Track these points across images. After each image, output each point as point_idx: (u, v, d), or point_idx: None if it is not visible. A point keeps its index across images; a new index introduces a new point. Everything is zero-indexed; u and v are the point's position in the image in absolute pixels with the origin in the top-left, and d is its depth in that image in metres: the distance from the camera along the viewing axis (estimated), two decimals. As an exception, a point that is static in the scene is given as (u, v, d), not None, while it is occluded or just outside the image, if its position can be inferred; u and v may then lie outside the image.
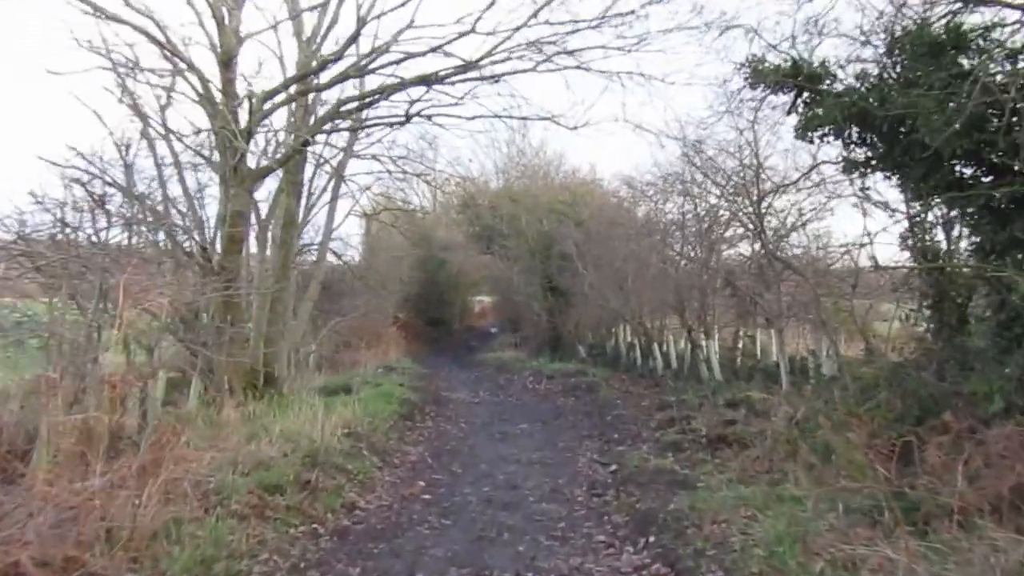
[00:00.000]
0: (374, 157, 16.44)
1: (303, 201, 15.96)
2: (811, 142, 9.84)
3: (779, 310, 12.16)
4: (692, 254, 15.84)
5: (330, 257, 19.23)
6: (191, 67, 10.28)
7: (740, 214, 13.00)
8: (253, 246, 14.36)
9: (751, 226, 12.29)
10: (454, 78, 11.23)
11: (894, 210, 9.62)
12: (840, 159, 9.76)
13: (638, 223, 19.73)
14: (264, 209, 14.90)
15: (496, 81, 11.31)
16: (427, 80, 11.06)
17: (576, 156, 65.99)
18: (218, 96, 10.99)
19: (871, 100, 8.68)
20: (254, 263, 15.53)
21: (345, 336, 25.63)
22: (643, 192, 18.33)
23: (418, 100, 11.78)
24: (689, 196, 15.28)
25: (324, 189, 16.96)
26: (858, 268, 10.79)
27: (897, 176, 9.29)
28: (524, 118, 12.91)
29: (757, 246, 14.42)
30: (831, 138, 9.67)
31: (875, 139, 9.21)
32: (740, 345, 15.89)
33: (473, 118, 12.69)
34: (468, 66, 11.07)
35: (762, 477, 7.68)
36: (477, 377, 22.09)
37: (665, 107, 26.92)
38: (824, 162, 9.88)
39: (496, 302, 41.67)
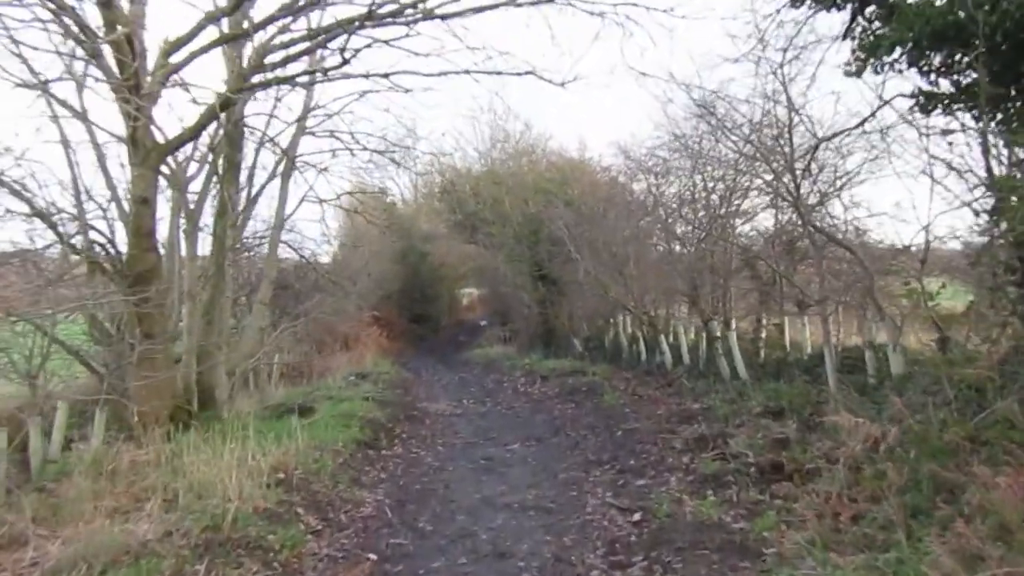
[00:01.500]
0: (332, 134, 14.06)
1: (246, 188, 13.58)
2: (877, 71, 7.53)
3: (822, 293, 9.87)
4: (706, 231, 13.52)
5: (286, 252, 16.83)
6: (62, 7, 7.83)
7: (767, 177, 10.71)
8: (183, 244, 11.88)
9: (784, 192, 9.98)
10: (404, 15, 8.86)
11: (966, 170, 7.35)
12: (916, 93, 7.46)
13: (637, 199, 17.39)
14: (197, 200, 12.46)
15: (452, 18, 8.97)
16: (368, 19, 8.66)
17: (565, 136, 63.43)
18: (109, 50, 8.57)
19: (969, 4, 6.38)
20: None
21: (319, 338, 23.34)
22: (643, 163, 15.97)
23: (366, 48, 9.39)
24: (701, 160, 12.95)
25: (274, 174, 14.55)
26: (928, 241, 8.48)
27: (1000, 115, 7.00)
28: (499, 72, 10.51)
29: (785, 217, 12.16)
30: (903, 65, 7.35)
31: (970, 63, 6.93)
32: (763, 335, 13.62)
33: (440, 75, 10.35)
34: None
35: (853, 531, 5.40)
36: (462, 379, 19.76)
37: (671, 52, 24.21)
38: (897, 96, 7.52)
39: (484, 294, 39.37)
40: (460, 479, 8.39)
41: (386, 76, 10.13)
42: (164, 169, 10.25)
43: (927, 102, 7.31)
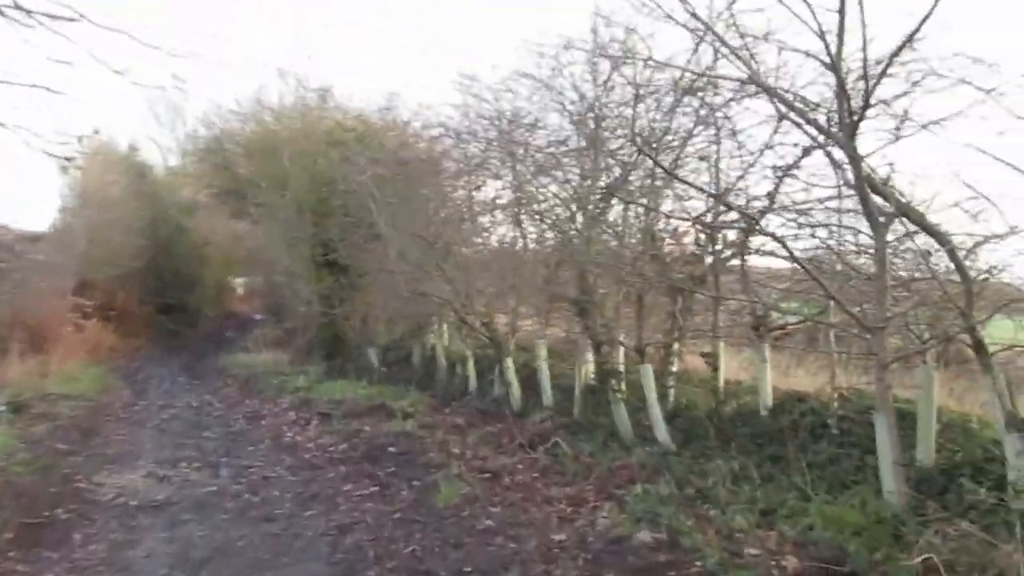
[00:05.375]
0: None
1: None
2: None
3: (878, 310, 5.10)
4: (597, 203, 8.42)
5: None
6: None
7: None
8: None
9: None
10: None
11: None
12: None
13: (474, 160, 11.98)
14: None
15: None
16: None
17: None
18: None
19: None
20: None
21: None
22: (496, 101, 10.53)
23: None
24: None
25: None
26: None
27: None
28: None
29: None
30: None
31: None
32: (674, 368, 8.79)
33: None
34: None
35: None
36: (199, 410, 13.22)
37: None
38: None
39: (254, 283, 32.25)
40: None
41: None
42: None
43: None
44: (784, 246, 5.14)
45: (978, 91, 5.02)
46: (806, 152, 5.97)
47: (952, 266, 5.01)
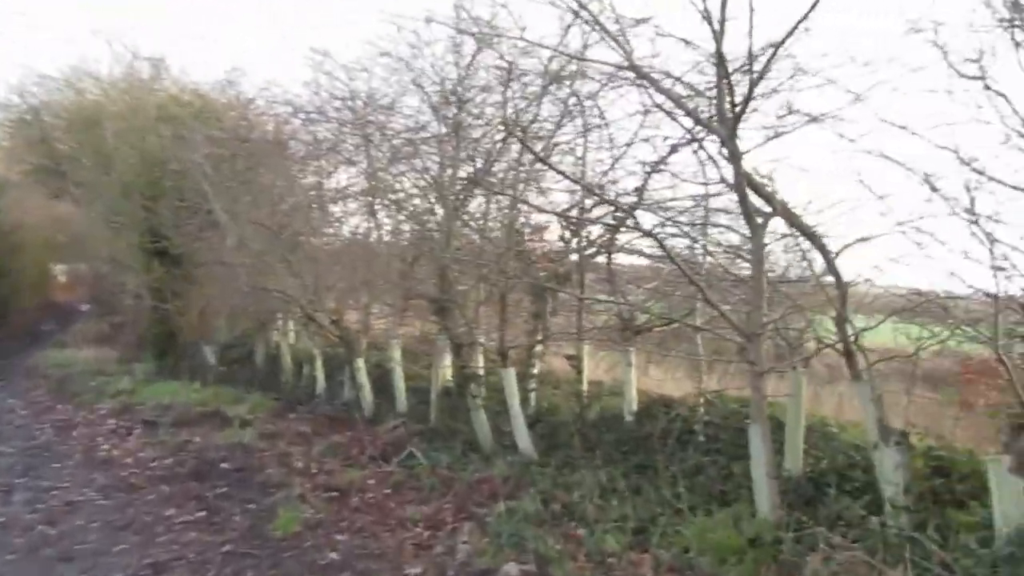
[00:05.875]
0: None
1: None
2: None
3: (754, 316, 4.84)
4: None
5: None
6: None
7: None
8: None
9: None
10: None
11: None
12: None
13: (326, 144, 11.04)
14: None
15: None
16: None
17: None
18: None
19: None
20: None
21: None
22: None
23: None
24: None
25: None
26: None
27: None
28: None
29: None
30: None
31: None
32: (535, 371, 8.38)
33: None
34: None
35: None
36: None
37: None
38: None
39: (79, 270, 29.30)
40: None
41: None
42: None
43: None
44: (660, 244, 4.78)
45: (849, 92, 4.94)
46: (674, 149, 5.69)
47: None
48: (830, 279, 4.89)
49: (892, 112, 4.23)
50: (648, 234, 4.73)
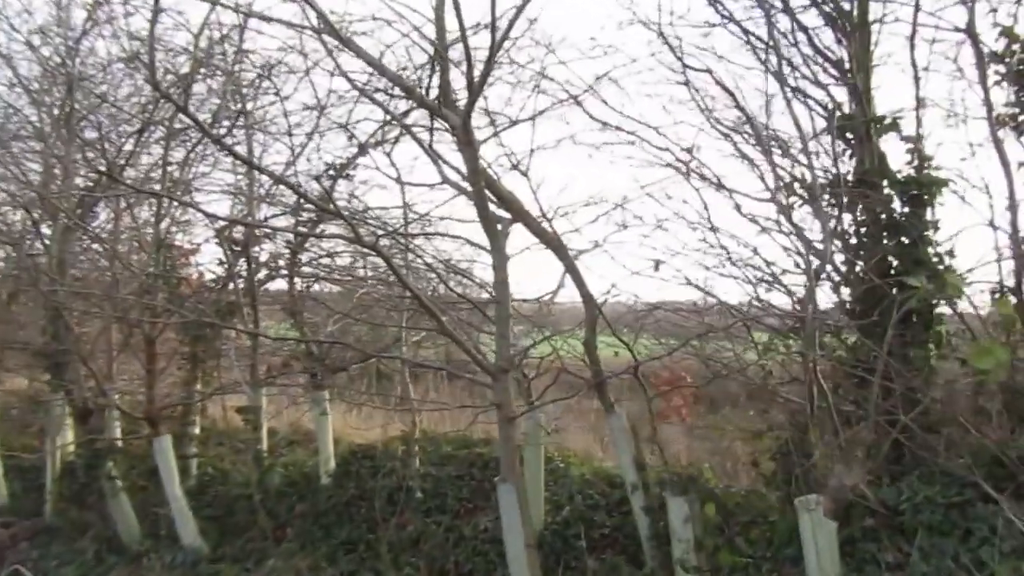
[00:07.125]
0: None
1: None
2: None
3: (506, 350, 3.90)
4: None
5: None
6: None
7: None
8: None
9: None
10: None
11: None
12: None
13: None
14: None
15: None
16: None
17: None
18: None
19: None
20: None
21: None
22: None
23: None
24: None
25: None
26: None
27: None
28: None
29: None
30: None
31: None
32: (196, 430, 6.52)
33: None
34: None
35: None
36: None
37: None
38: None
39: None
40: None
41: None
42: None
43: None
44: (387, 261, 3.59)
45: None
46: (384, 139, 4.57)
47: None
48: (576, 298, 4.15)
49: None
50: (372, 248, 3.49)
